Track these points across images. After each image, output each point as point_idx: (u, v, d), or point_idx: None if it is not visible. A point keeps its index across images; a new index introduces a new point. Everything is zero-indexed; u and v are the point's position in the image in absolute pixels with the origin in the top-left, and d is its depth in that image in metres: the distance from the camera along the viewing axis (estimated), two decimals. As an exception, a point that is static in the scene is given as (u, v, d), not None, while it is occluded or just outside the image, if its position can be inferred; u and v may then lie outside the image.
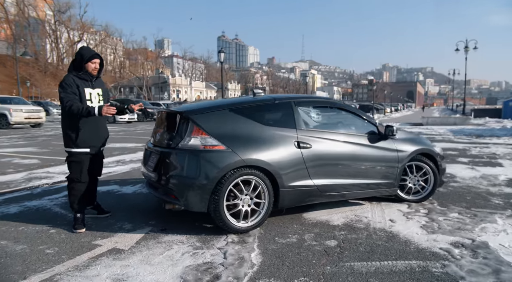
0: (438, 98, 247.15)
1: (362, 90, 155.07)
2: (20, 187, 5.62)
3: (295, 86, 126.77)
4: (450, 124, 23.38)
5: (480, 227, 3.83)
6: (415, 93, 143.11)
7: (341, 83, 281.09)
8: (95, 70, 3.77)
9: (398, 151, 4.46)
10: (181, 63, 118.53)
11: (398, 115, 48.21)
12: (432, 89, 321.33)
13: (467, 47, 35.16)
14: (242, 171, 3.52)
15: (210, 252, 3.16)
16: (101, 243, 3.34)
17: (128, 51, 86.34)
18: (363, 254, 3.14)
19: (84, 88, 3.71)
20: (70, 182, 3.78)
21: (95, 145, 3.82)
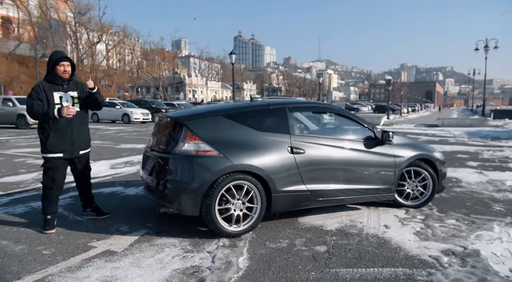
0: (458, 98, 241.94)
1: (379, 90, 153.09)
2: (29, 187, 5.82)
3: (311, 86, 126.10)
4: (466, 126, 22.89)
5: (476, 234, 3.79)
6: (434, 94, 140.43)
7: (358, 83, 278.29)
8: (64, 73, 3.73)
9: (395, 156, 4.44)
10: (198, 63, 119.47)
11: (415, 116, 47.42)
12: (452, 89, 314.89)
13: (487, 46, 34.37)
14: (234, 176, 3.58)
15: (199, 256, 3.23)
16: (96, 245, 3.46)
17: (145, 51, 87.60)
18: (351, 260, 3.15)
19: (53, 92, 3.69)
20: (43, 188, 3.80)
21: (67, 149, 3.77)
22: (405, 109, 50.90)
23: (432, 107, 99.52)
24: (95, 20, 71.16)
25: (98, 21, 71.64)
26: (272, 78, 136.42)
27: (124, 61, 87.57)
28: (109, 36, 75.52)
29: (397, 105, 52.30)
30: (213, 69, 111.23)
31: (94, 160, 8.21)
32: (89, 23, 71.26)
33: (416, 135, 16.12)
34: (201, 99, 70.30)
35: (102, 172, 7.06)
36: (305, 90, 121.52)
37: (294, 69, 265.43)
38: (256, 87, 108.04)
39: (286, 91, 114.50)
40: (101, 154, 9.50)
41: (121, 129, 18.57)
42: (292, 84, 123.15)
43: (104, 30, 71.91)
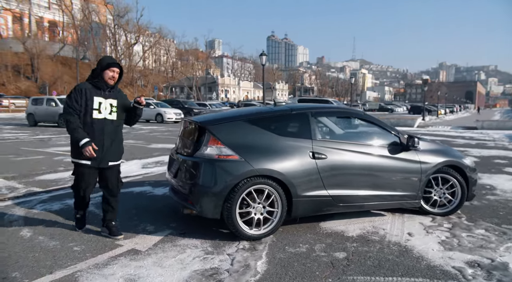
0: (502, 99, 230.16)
1: (415, 91, 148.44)
2: (66, 185, 6.13)
3: (344, 86, 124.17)
4: (508, 129, 21.78)
5: (506, 246, 3.65)
6: (475, 94, 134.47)
7: (393, 83, 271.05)
8: (111, 79, 3.63)
9: (421, 163, 4.34)
10: (231, 63, 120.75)
11: (453, 117, 45.66)
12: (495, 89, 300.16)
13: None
14: (254, 180, 3.64)
15: (219, 258, 3.31)
16: (122, 243, 3.62)
17: (180, 52, 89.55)
18: (370, 268, 3.13)
19: (94, 96, 3.57)
20: (73, 188, 3.82)
21: (96, 158, 3.58)
22: (442, 110, 49.15)
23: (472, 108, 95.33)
24: (132, 22, 73.53)
25: (135, 23, 73.97)
26: (305, 78, 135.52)
27: (160, 62, 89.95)
28: (146, 37, 77.75)
29: (433, 106, 50.61)
30: (246, 69, 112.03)
31: (126, 159, 8.54)
32: (127, 25, 73.72)
33: (452, 138, 15.56)
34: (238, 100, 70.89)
35: (134, 171, 7.33)
36: (337, 90, 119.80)
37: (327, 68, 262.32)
38: (288, 87, 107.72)
39: (319, 91, 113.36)
40: (133, 153, 9.85)
41: (154, 129, 19.12)
42: (325, 84, 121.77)
43: (141, 31, 74.13)
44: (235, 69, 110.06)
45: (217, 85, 75.00)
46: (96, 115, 3.59)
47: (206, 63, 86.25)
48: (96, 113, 3.59)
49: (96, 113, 3.59)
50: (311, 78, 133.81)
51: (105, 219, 3.84)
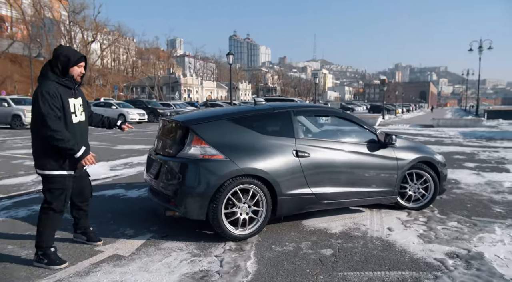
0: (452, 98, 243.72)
1: (374, 90, 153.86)
2: (29, 190, 5.79)
3: (306, 86, 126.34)
4: (461, 126, 23.07)
5: (478, 236, 3.84)
6: (428, 94, 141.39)
7: (352, 83, 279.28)
8: (80, 75, 3.18)
9: (397, 159, 4.48)
10: (193, 63, 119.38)
11: (410, 116, 47.72)
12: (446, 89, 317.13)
13: (481, 47, 34.70)
14: (240, 179, 3.60)
15: (207, 260, 3.24)
16: (103, 249, 3.46)
17: (140, 51, 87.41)
18: (357, 263, 3.19)
19: (68, 99, 3.09)
20: (46, 213, 3.11)
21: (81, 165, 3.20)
22: (399, 109, 51.23)
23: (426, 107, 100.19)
24: (89, 19, 70.78)
25: (92, 20, 71.25)
26: (267, 78, 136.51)
27: (119, 61, 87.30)
28: (104, 35, 75.16)
29: (392, 105, 52.63)
30: (208, 69, 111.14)
31: (93, 162, 8.19)
32: (83, 22, 70.83)
33: (412, 136, 16.23)
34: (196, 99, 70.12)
35: (102, 174, 7.03)
36: (300, 90, 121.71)
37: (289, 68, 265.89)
38: (252, 87, 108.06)
39: (281, 91, 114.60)
40: (99, 155, 9.46)
41: (117, 130, 18.48)
42: (287, 84, 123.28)
43: (98, 29, 71.50)
44: (197, 68, 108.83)
45: (179, 85, 73.83)
46: (74, 119, 3.16)
47: (168, 63, 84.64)
48: (74, 117, 3.15)
49: (73, 117, 3.15)
50: (273, 78, 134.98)
51: (79, 226, 3.56)
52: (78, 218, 3.52)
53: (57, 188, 3.10)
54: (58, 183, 3.10)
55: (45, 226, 3.11)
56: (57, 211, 3.12)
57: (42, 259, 3.07)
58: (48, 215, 3.12)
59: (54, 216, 3.13)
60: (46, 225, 3.11)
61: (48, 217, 3.12)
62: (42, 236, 3.10)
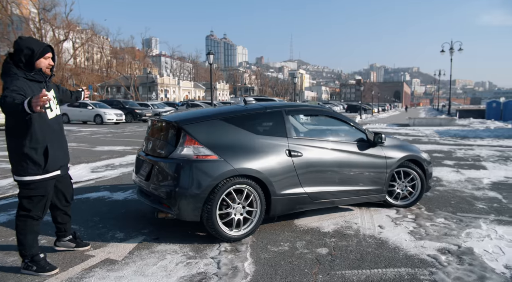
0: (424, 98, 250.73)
1: (350, 90, 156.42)
2: (7, 194, 5.55)
3: (283, 86, 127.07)
4: (436, 125, 23.77)
5: (466, 232, 3.94)
6: (402, 93, 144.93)
7: (329, 83, 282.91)
8: (48, 67, 2.94)
9: (386, 158, 4.56)
10: (169, 63, 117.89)
11: (385, 115, 48.75)
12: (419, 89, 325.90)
13: (452, 48, 35.89)
14: (234, 180, 3.56)
15: (203, 262, 3.19)
16: (94, 254, 3.35)
17: (115, 50, 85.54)
18: (354, 262, 3.21)
19: None
20: (25, 221, 2.91)
21: (64, 163, 3.09)
22: (376, 109, 52.29)
23: (400, 106, 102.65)
24: (61, 17, 68.66)
25: (64, 18, 69.16)
26: (245, 78, 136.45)
27: (93, 60, 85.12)
28: (76, 34, 73.09)
29: (368, 105, 53.64)
30: (185, 69, 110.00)
31: (73, 163, 7.96)
32: (54, 20, 68.63)
33: (391, 135, 16.58)
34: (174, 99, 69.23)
35: (84, 176, 6.83)
36: (278, 90, 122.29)
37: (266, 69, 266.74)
38: (229, 87, 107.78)
39: (259, 91, 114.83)
40: (79, 156, 9.20)
41: (94, 130, 18.03)
42: (265, 84, 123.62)
43: (71, 27, 69.42)
44: (174, 68, 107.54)
45: (156, 85, 72.75)
46: (50, 114, 2.94)
47: (144, 62, 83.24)
48: (49, 113, 2.94)
49: (49, 112, 2.93)
50: (251, 78, 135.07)
51: (65, 233, 3.35)
52: (63, 223, 3.33)
53: (38, 195, 2.90)
54: (39, 189, 2.89)
55: (26, 234, 2.92)
56: (36, 218, 2.94)
57: (30, 266, 2.93)
58: (27, 222, 2.92)
59: (33, 223, 2.94)
60: (27, 233, 2.92)
61: (27, 225, 2.92)
62: (25, 245, 2.93)
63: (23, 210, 2.91)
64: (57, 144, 2.99)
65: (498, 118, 31.81)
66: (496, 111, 33.35)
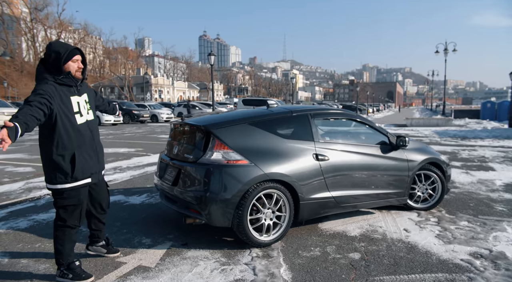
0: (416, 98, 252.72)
1: (343, 91, 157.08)
2: (20, 198, 5.47)
3: (277, 86, 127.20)
4: (433, 125, 23.94)
5: (493, 236, 3.95)
6: (395, 94, 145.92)
7: (322, 83, 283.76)
8: (79, 71, 2.86)
9: (408, 161, 4.56)
10: (162, 63, 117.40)
11: (380, 115, 49.02)
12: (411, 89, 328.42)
13: (447, 49, 36.25)
14: (264, 184, 3.53)
15: (238, 268, 3.15)
16: (125, 260, 3.29)
17: (108, 50, 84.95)
18: (389, 267, 3.19)
19: (70, 97, 2.81)
20: (63, 231, 2.88)
21: (95, 171, 2.98)
22: (370, 109, 52.55)
23: (393, 106, 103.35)
24: (53, 16, 68.08)
25: (56, 18, 68.61)
26: (238, 78, 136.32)
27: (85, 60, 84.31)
28: (69, 34, 72.42)
29: (362, 105, 53.89)
30: (179, 69, 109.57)
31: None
32: (46, 19, 68.00)
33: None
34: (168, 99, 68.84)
35: (94, 179, 6.73)
36: (272, 90, 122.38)
37: (260, 69, 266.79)
38: (223, 87, 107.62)
39: (253, 92, 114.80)
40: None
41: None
42: (259, 85, 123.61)
43: (63, 27, 68.84)
44: (167, 69, 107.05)
45: (150, 86, 72.36)
46: (80, 120, 2.85)
47: (137, 63, 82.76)
48: (78, 118, 2.85)
49: (78, 117, 2.84)
50: (244, 79, 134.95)
51: (98, 239, 3.32)
52: (97, 230, 3.29)
53: (71, 204, 2.84)
54: (72, 198, 2.83)
55: (64, 244, 2.89)
56: (73, 227, 2.90)
57: (66, 274, 2.88)
58: (65, 232, 2.88)
59: (71, 232, 2.91)
60: (65, 243, 2.89)
61: (65, 234, 2.89)
62: (63, 254, 2.89)
63: (60, 220, 2.87)
64: (87, 151, 2.90)
65: (493, 119, 32.18)
66: (491, 111, 33.70)
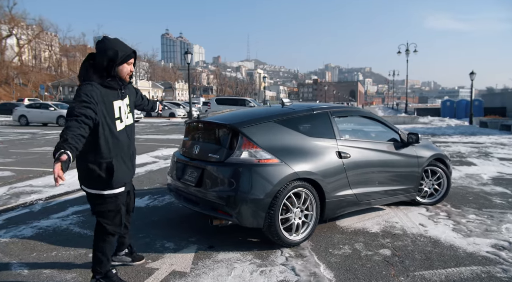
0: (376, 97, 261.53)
1: (307, 90, 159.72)
2: (11, 204, 5.08)
3: (243, 85, 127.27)
4: (400, 123, 24.82)
5: (504, 227, 4.12)
6: (357, 93, 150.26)
7: (286, 82, 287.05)
8: (129, 74, 2.69)
9: (418, 157, 4.67)
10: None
11: (346, 114, 50.20)
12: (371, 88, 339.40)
13: (408, 50, 37.75)
14: (294, 183, 3.48)
15: (277, 269, 3.08)
16: (156, 266, 3.13)
17: (65, 47, 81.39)
18: (423, 262, 3.24)
19: (113, 102, 2.60)
20: (104, 239, 2.70)
21: (129, 178, 2.81)
22: (336, 108, 53.81)
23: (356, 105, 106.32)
24: (3, 11, 63.95)
25: (7, 12, 64.59)
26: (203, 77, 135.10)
27: (41, 58, 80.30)
28: (22, 30, 68.56)
29: (329, 104, 55.03)
30: (141, 68, 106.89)
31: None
32: (-5, 14, 63.89)
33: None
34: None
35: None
36: (239, 89, 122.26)
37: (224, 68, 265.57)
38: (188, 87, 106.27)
39: (218, 91, 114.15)
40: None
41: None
42: (224, 84, 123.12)
43: (15, 22, 64.95)
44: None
45: (113, 84, 69.93)
46: (119, 126, 2.65)
47: (98, 61, 79.73)
48: (118, 124, 2.64)
49: (118, 123, 2.64)
50: (209, 78, 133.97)
51: (123, 246, 3.12)
52: (123, 237, 3.07)
53: (110, 210, 2.65)
54: (110, 204, 2.64)
55: (105, 252, 2.70)
56: (113, 234, 2.73)
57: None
58: (106, 239, 2.70)
59: (112, 239, 2.74)
60: (106, 251, 2.71)
61: (106, 242, 2.70)
62: (102, 262, 2.70)
63: (101, 228, 2.68)
64: (124, 159, 2.70)
65: (452, 116, 33.95)
66: (450, 109, 35.52)
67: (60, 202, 5.17)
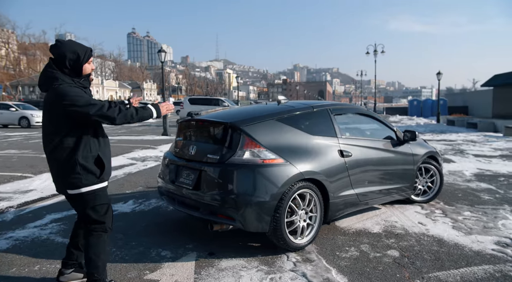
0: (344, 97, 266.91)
1: (277, 90, 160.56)
2: (-21, 212, 4.61)
3: (213, 86, 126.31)
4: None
5: (501, 223, 4.13)
6: (326, 92, 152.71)
7: (255, 82, 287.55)
8: (91, 72, 2.63)
9: (413, 155, 4.62)
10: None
11: (317, 114, 50.80)
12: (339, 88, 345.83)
13: (376, 51, 38.70)
14: (299, 184, 3.31)
15: (287, 276, 2.90)
16: (155, 277, 2.86)
17: (24, 45, 77.52)
18: (434, 262, 3.15)
19: None
20: (98, 236, 2.54)
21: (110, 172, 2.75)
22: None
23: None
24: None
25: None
26: (171, 77, 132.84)
27: (-4, 56, 76.12)
28: (-28, 26, 64.71)
29: (299, 104, 55.44)
30: (107, 68, 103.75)
31: (34, 173, 6.96)
32: None
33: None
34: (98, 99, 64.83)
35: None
36: (209, 89, 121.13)
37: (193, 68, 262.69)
38: (157, 87, 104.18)
39: (188, 91, 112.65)
40: (36, 165, 8.05)
41: (27, 135, 15.98)
42: (194, 84, 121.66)
43: (-36, 17, 61.14)
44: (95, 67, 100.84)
45: (78, 84, 67.38)
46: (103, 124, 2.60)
47: (61, 59, 76.55)
48: None
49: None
50: (178, 78, 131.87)
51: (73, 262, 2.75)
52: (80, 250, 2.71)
53: (103, 203, 2.56)
54: (103, 197, 2.57)
55: (100, 253, 2.52)
56: (108, 231, 2.60)
57: None
58: (100, 237, 2.55)
59: (105, 237, 2.58)
60: (100, 252, 2.53)
61: (100, 241, 2.54)
62: (98, 267, 2.50)
63: (95, 223, 2.54)
64: (106, 153, 2.62)
65: (419, 115, 35.08)
66: (417, 109, 36.66)
67: (35, 209, 4.76)
